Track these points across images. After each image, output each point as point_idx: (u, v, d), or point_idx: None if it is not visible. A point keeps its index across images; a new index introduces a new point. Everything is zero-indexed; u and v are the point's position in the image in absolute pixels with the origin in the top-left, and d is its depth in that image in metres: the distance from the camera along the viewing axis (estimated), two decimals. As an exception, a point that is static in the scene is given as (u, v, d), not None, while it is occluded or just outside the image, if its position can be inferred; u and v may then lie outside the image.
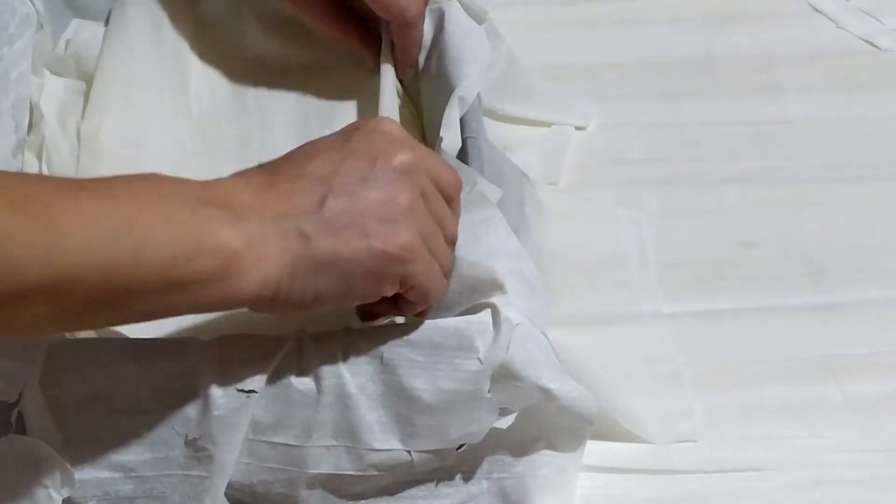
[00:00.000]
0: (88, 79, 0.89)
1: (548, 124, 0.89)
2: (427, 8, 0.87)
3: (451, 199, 0.64)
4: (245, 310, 0.62)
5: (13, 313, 0.53)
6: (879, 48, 0.96)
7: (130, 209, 0.55)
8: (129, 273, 0.55)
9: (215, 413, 0.60)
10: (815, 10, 0.99)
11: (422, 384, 0.62)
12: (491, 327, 0.62)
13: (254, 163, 0.84)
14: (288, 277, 0.59)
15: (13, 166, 0.80)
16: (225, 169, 0.83)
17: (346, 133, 0.64)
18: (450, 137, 0.76)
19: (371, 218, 0.60)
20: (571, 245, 0.81)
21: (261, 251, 0.58)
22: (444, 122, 0.77)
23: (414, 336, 0.62)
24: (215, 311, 0.60)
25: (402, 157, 0.62)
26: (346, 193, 0.60)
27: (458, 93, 0.79)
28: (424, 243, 0.61)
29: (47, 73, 0.89)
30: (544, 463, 0.66)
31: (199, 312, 0.60)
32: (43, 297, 0.53)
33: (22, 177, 0.60)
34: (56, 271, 0.53)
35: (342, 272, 0.59)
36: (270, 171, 0.62)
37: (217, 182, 0.61)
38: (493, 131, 0.82)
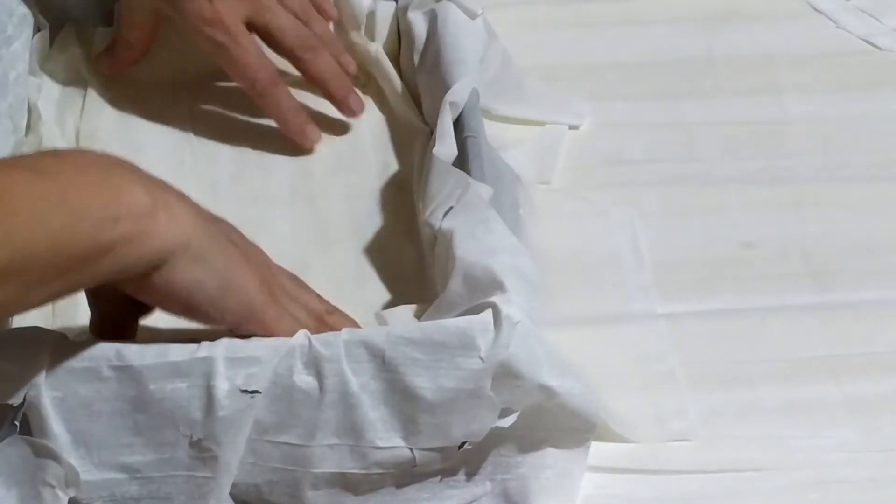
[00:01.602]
0: (86, 81, 0.89)
1: (541, 123, 0.89)
2: (420, 11, 0.88)
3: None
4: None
5: None
6: (879, 48, 0.96)
7: (59, 182, 0.57)
8: (70, 243, 0.56)
9: (220, 414, 0.60)
10: (815, 10, 0.99)
11: (424, 382, 0.62)
12: (492, 326, 0.62)
13: (253, 162, 0.85)
14: (182, 250, 0.60)
15: (12, 167, 0.80)
16: (224, 168, 0.84)
17: None
18: (445, 147, 0.76)
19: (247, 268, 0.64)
20: (565, 245, 0.80)
21: (169, 213, 0.60)
22: (437, 131, 0.77)
23: (416, 335, 0.62)
24: (125, 276, 0.61)
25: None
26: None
27: (448, 98, 0.79)
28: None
29: (45, 74, 0.89)
30: (548, 465, 0.66)
31: (116, 278, 0.61)
32: (9, 279, 0.55)
33: None
34: (17, 250, 0.54)
35: (222, 279, 0.62)
36: None
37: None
38: (487, 131, 0.82)
